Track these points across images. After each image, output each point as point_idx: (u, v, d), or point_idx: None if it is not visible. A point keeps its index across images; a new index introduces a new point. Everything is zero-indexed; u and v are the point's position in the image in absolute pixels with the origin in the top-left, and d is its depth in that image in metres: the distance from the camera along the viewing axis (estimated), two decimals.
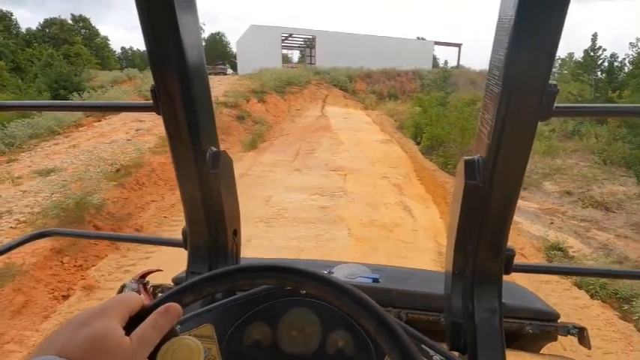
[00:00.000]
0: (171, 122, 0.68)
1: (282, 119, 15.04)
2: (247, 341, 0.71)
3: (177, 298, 0.45)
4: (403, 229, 5.40)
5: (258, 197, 6.33)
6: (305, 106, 17.67)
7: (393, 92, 24.85)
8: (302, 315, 0.72)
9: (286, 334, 0.72)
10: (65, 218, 4.47)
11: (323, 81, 22.72)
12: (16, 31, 43.99)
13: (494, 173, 0.60)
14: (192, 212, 0.79)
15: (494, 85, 0.57)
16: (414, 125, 12.46)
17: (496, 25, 0.55)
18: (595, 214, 6.85)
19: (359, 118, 16.20)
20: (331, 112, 16.96)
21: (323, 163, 8.58)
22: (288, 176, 7.68)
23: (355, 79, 25.13)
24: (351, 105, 20.19)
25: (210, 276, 0.47)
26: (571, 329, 0.93)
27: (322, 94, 20.75)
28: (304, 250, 4.63)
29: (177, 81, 0.64)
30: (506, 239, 0.67)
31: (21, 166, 6.85)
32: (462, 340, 0.70)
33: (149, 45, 0.61)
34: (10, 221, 4.48)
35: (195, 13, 0.64)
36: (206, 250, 0.82)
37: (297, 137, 11.73)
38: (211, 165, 0.73)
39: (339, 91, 22.73)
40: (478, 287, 0.69)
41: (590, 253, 5.30)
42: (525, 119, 0.55)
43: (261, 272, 0.48)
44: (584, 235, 5.94)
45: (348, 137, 11.69)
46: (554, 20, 0.48)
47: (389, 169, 8.54)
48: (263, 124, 13.00)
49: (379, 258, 4.49)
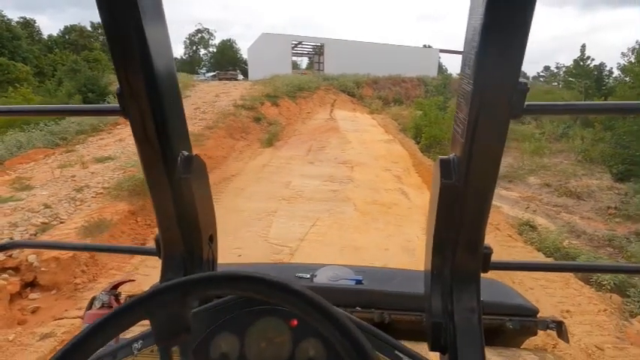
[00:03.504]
0: (139, 126, 0.66)
1: (294, 121, 16.28)
2: (214, 354, 0.68)
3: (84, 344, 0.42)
4: (400, 206, 6.57)
5: (280, 182, 7.55)
6: (315, 110, 18.89)
7: (398, 98, 26.00)
8: (271, 324, 0.70)
9: (255, 344, 0.69)
10: (133, 190, 5.71)
11: (331, 87, 23.93)
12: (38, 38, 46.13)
13: (468, 172, 0.60)
14: (164, 219, 0.77)
15: (466, 84, 0.58)
16: (414, 127, 13.64)
17: (467, 24, 0.56)
18: (567, 202, 7.95)
19: (365, 121, 17.38)
20: (339, 115, 18.15)
21: (333, 158, 9.79)
22: (303, 167, 8.90)
23: (362, 85, 26.30)
24: (358, 109, 21.38)
25: (95, 328, 0.43)
26: (550, 324, 0.94)
27: (331, 99, 21.98)
28: (320, 220, 5.81)
29: (144, 83, 0.61)
30: (482, 237, 0.68)
31: (79, 155, 8.15)
32: (442, 339, 0.70)
33: (112, 43, 0.58)
34: (91, 192, 5.75)
35: (161, 9, 0.62)
36: (181, 258, 0.80)
37: (309, 137, 12.95)
38: (183, 170, 0.72)
39: (347, 97, 23.93)
40: (457, 286, 0.69)
41: (555, 229, 6.40)
42: (497, 117, 0.56)
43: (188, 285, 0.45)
44: (553, 217, 7.05)
45: (355, 137, 12.88)
46: (521, 18, 0.48)
47: (391, 164, 9.71)
48: (277, 125, 14.23)
49: (379, 225, 5.67)
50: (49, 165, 7.33)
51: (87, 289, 3.94)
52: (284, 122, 15.45)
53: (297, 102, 19.14)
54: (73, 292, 3.92)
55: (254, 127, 13.16)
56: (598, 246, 5.80)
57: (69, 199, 5.45)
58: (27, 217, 4.81)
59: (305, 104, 19.59)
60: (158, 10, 0.61)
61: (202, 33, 56.94)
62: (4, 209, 5.03)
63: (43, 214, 4.93)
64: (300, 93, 20.17)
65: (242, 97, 15.72)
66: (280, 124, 14.65)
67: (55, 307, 3.73)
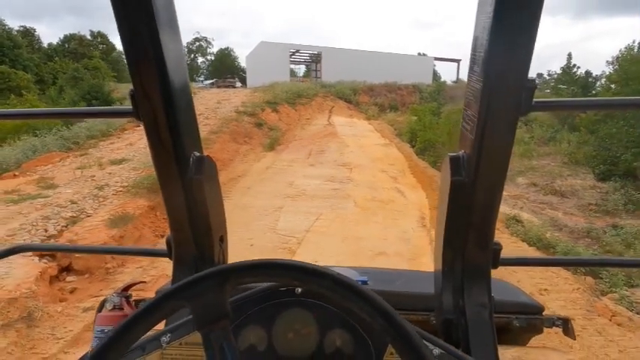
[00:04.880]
0: (152, 128, 0.68)
1: (293, 127, 16.82)
2: (242, 346, 0.69)
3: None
4: (396, 203, 7.09)
5: (283, 182, 8.06)
6: (314, 116, 19.46)
7: (394, 104, 26.61)
8: (298, 316, 0.70)
9: (282, 336, 0.70)
10: (150, 187, 6.19)
11: (329, 94, 24.52)
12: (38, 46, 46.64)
13: (478, 168, 0.60)
14: (176, 220, 0.78)
15: (475, 82, 0.58)
16: (409, 131, 14.25)
17: (475, 22, 0.56)
18: (552, 199, 8.52)
19: (362, 127, 17.96)
20: (337, 121, 18.73)
21: (332, 160, 10.32)
22: (305, 169, 9.42)
23: (359, 92, 26.90)
24: (355, 115, 21.97)
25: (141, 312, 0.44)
26: (556, 321, 0.95)
27: (329, 106, 22.57)
28: (323, 215, 6.31)
29: (158, 85, 0.63)
30: (492, 233, 0.68)
31: (94, 157, 8.63)
32: (453, 336, 0.70)
33: (126, 47, 0.60)
34: (111, 190, 6.22)
35: (174, 15, 0.64)
36: (192, 259, 0.81)
37: (309, 141, 13.49)
38: (195, 170, 0.72)
39: (344, 103, 24.54)
40: (468, 283, 0.70)
41: (539, 223, 6.94)
42: (506, 114, 0.56)
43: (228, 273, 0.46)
44: (538, 212, 7.59)
45: (353, 141, 13.43)
46: (530, 16, 0.49)
47: (387, 166, 10.25)
48: (278, 130, 14.77)
49: (377, 218, 6.17)
50: (67, 167, 7.81)
51: (117, 273, 4.40)
52: (284, 128, 15.99)
53: (297, 108, 19.71)
54: (105, 276, 4.38)
55: (256, 132, 13.68)
56: (577, 237, 6.33)
57: (92, 196, 5.92)
58: (57, 211, 5.27)
59: (304, 110, 20.16)
60: (171, 17, 0.63)
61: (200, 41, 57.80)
62: (35, 205, 5.50)
63: (70, 208, 5.40)
64: (299, 100, 20.74)
65: (243, 103, 16.27)
66: (281, 130, 15.19)
67: (90, 288, 4.19)
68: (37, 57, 40.18)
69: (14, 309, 3.32)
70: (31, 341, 3.13)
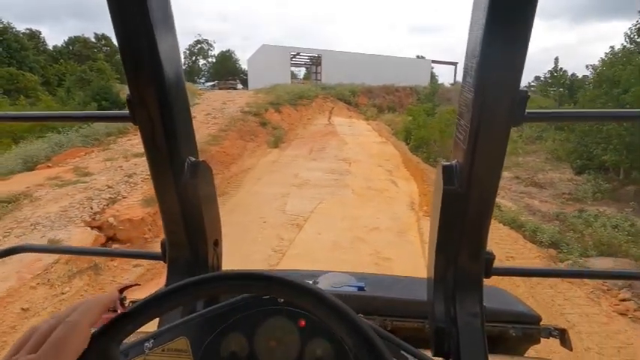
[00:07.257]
0: (148, 132, 0.68)
1: (295, 126, 17.72)
2: (224, 353, 0.69)
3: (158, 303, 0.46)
4: (390, 192, 7.97)
5: (289, 174, 8.95)
6: (314, 116, 20.38)
7: (392, 105, 27.55)
8: (280, 324, 0.70)
9: (264, 344, 0.70)
10: None
11: (329, 95, 25.42)
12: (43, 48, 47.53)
13: (471, 178, 0.61)
14: (170, 224, 0.79)
15: (467, 92, 0.59)
16: (405, 130, 15.16)
17: (468, 32, 0.56)
18: (531, 190, 9.41)
19: (361, 127, 18.87)
20: (337, 121, 19.64)
21: (332, 156, 11.22)
22: (308, 163, 10.31)
23: (358, 93, 27.80)
24: (354, 116, 22.90)
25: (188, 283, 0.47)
26: (552, 331, 0.94)
27: (329, 107, 23.48)
28: (325, 200, 7.19)
29: (154, 90, 0.64)
30: (485, 243, 0.68)
31: (118, 151, 9.50)
32: (445, 345, 0.71)
33: (123, 52, 0.61)
34: (139, 178, 7.09)
35: (171, 20, 0.64)
36: (186, 263, 0.82)
37: (310, 139, 14.39)
38: (190, 175, 0.73)
39: (344, 105, 25.46)
40: (460, 292, 0.70)
41: (516, 209, 7.84)
42: (498, 125, 0.57)
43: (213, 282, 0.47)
44: (517, 200, 8.49)
45: (352, 140, 14.34)
46: (522, 28, 0.49)
47: (383, 161, 11.15)
48: (281, 129, 15.65)
49: (373, 203, 7.06)
50: (95, 159, 8.68)
51: (154, 242, 5.27)
52: (287, 127, 16.89)
53: (298, 109, 20.61)
54: (144, 244, 5.25)
55: (261, 130, 14.57)
56: (548, 220, 7.21)
57: (124, 182, 6.80)
58: (96, 194, 6.15)
59: (305, 111, 21.06)
60: (168, 21, 0.63)
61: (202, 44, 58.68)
62: (78, 188, 6.37)
63: (108, 192, 6.28)
64: (300, 101, 21.62)
65: (247, 104, 17.16)
66: (283, 129, 16.08)
67: None
68: (42, 59, 41.02)
69: (82, 261, 4.20)
70: (99, 284, 4.00)
